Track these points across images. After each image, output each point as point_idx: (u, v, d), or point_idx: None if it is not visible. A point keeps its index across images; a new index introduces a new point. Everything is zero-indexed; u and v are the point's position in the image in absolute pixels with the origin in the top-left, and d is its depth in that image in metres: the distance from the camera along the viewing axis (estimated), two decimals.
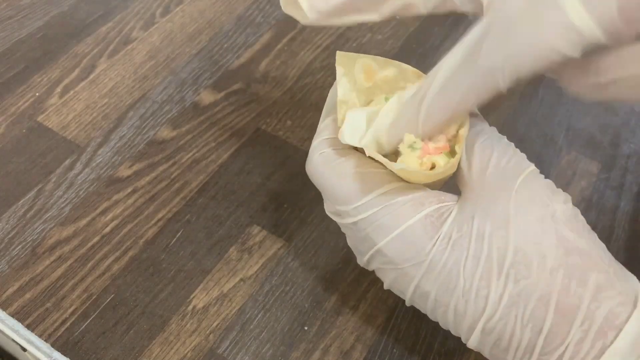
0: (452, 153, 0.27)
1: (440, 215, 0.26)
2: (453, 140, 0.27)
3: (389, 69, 0.29)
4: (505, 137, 0.28)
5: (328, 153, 0.29)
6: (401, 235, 0.27)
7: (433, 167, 0.27)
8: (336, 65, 0.29)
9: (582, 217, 0.27)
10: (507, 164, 0.26)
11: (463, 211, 0.26)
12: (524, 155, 0.28)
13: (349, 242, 0.31)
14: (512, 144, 0.28)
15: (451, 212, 0.26)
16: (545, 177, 0.27)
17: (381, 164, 0.27)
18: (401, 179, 0.27)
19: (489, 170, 0.26)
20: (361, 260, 0.30)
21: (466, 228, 0.26)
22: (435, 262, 0.26)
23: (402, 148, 0.27)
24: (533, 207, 0.25)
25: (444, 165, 0.27)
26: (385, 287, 0.30)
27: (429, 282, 0.27)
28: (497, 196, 0.26)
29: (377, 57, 0.29)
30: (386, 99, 0.29)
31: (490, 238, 0.25)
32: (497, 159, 0.27)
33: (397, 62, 0.29)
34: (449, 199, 0.27)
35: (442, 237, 0.26)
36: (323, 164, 0.29)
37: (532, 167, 0.27)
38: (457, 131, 0.27)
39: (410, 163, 0.27)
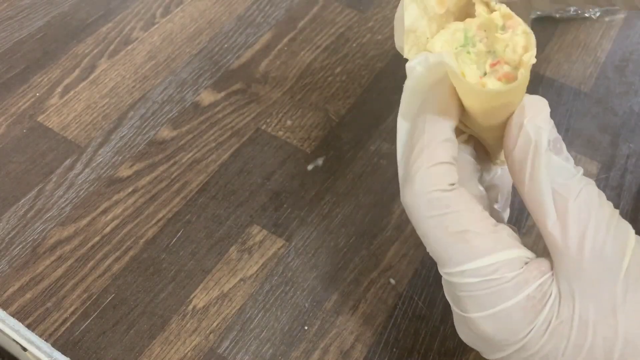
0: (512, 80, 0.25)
1: (542, 296, 0.24)
2: (517, 65, 0.25)
3: None
4: (592, 180, 0.25)
5: (434, 197, 0.25)
6: (497, 315, 0.24)
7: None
8: None
9: None
10: (608, 234, 0.23)
11: (562, 289, 0.24)
12: (617, 213, 0.24)
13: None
14: (602, 194, 0.25)
15: (552, 292, 0.24)
16: None
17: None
18: (509, 244, 0.24)
19: (588, 242, 0.23)
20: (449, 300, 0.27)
21: (567, 312, 0.23)
22: (529, 346, 0.24)
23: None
24: None
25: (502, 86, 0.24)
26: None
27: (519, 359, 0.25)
28: (600, 277, 0.23)
29: None
30: (466, 39, 0.26)
31: (595, 326, 0.23)
32: (596, 228, 0.23)
33: None
34: (548, 266, 0.24)
35: (542, 323, 0.24)
36: (427, 209, 0.25)
37: (633, 232, 0.24)
38: (522, 56, 0.24)
39: (470, 74, 0.25)
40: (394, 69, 0.49)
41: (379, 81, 0.48)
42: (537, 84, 0.49)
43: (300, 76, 0.48)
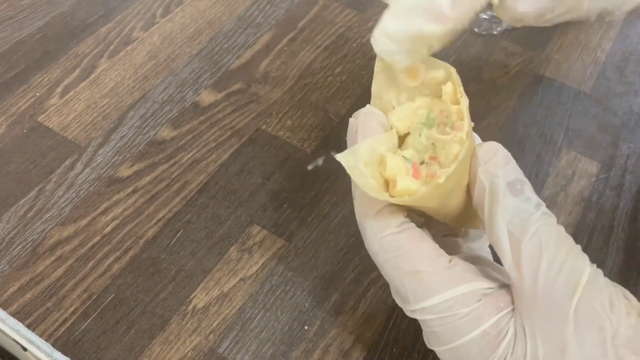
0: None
1: (498, 332, 0.25)
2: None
3: (439, 71, 0.27)
4: (553, 218, 0.25)
5: (386, 241, 0.26)
6: (455, 350, 0.25)
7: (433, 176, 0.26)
8: (376, 60, 0.27)
9: None
10: (560, 273, 0.23)
11: (518, 327, 0.25)
12: (577, 250, 0.24)
13: None
14: (562, 229, 0.25)
15: (509, 329, 0.25)
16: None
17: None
18: (463, 279, 0.25)
19: (539, 282, 0.24)
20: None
21: (521, 351, 0.24)
22: None
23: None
24: (591, 330, 0.23)
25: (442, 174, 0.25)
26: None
27: None
28: (550, 317, 0.24)
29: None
30: (426, 121, 0.27)
31: None
32: (547, 267, 0.24)
33: (445, 64, 0.27)
34: (508, 300, 0.25)
35: (497, 359, 0.25)
36: (382, 253, 0.26)
37: (588, 271, 0.24)
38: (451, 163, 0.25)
39: (407, 184, 0.25)
40: None
41: None
42: (537, 84, 0.49)
43: (300, 76, 0.48)
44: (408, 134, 0.27)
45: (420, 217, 0.29)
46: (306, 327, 0.35)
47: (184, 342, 0.34)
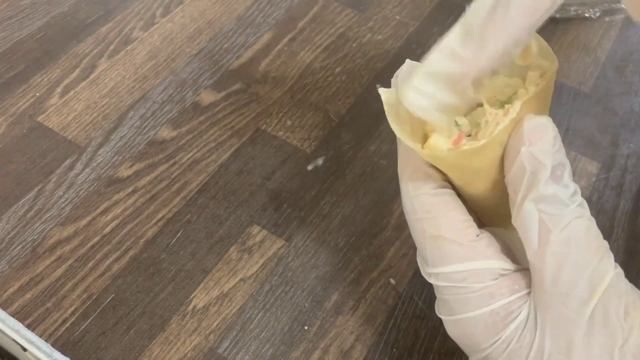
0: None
1: (507, 315, 0.24)
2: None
3: (545, 61, 0.25)
4: (586, 210, 0.24)
5: (418, 201, 0.26)
6: (461, 323, 0.25)
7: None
8: None
9: None
10: (582, 275, 0.23)
11: (530, 315, 0.24)
12: (603, 250, 0.24)
13: None
14: (593, 225, 0.24)
15: (520, 313, 0.24)
16: None
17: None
18: (484, 255, 0.25)
19: (561, 280, 0.23)
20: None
21: (527, 340, 0.24)
22: (490, 359, 0.25)
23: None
24: (602, 335, 0.23)
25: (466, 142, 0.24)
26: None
27: None
28: (565, 316, 0.23)
29: (543, 42, 0.25)
30: (506, 100, 0.25)
31: (549, 359, 0.23)
32: (572, 266, 0.23)
33: (553, 56, 0.25)
34: (524, 285, 0.25)
35: (501, 342, 0.24)
36: (412, 211, 0.26)
37: (610, 275, 0.23)
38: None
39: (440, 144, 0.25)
40: (394, 69, 0.49)
41: (379, 81, 0.48)
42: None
43: (300, 76, 0.48)
44: (482, 104, 0.26)
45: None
46: (306, 327, 0.35)
47: (184, 342, 0.34)
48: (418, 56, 0.52)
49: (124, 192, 0.40)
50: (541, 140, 0.23)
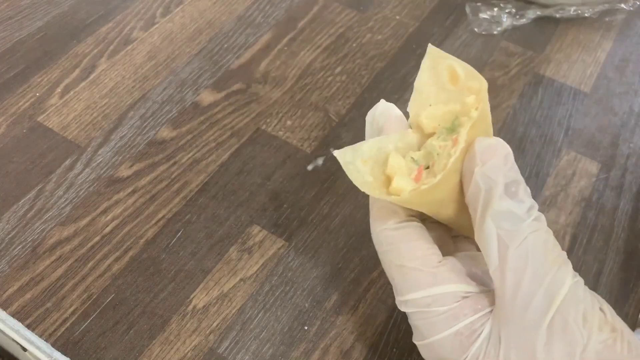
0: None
1: (471, 333, 0.25)
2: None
3: (475, 82, 0.27)
4: (542, 224, 0.25)
5: (383, 235, 0.28)
6: (430, 346, 0.27)
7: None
8: (425, 56, 0.28)
9: (619, 343, 0.24)
10: (540, 286, 0.24)
11: (493, 331, 0.25)
12: (561, 260, 0.25)
13: None
14: (550, 237, 0.25)
15: (483, 331, 0.25)
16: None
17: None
18: (447, 280, 0.26)
19: (521, 294, 0.24)
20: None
21: (493, 354, 0.25)
22: None
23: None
24: (561, 343, 0.24)
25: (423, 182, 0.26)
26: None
27: None
28: (525, 327, 0.24)
29: (467, 65, 0.27)
30: (450, 126, 0.27)
31: None
32: (530, 279, 0.24)
33: (481, 77, 0.26)
34: (486, 303, 0.26)
35: (470, 359, 0.25)
36: (379, 245, 0.28)
37: (567, 284, 0.24)
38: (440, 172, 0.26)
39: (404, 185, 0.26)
40: (394, 69, 0.49)
41: (379, 81, 0.48)
42: (537, 84, 0.49)
43: (300, 76, 0.48)
44: (434, 134, 0.28)
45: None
46: (306, 327, 0.35)
47: (184, 342, 0.34)
48: (418, 56, 0.52)
49: (124, 192, 0.40)
50: (492, 159, 0.25)
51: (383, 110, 0.29)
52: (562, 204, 0.41)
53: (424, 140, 0.28)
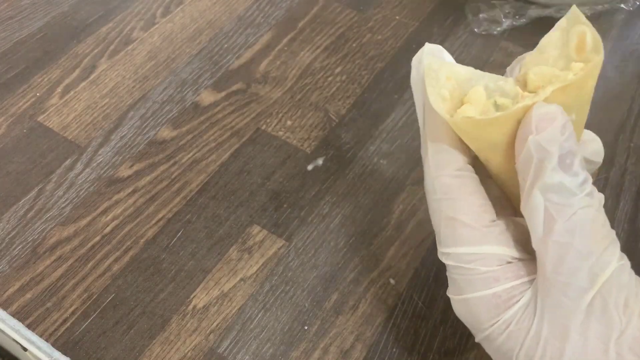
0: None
1: (509, 298, 0.25)
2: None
3: (594, 55, 0.25)
4: (595, 200, 0.24)
5: (439, 182, 0.26)
6: (466, 302, 0.26)
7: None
8: (565, 16, 0.26)
9: None
10: (583, 264, 0.23)
11: (531, 301, 0.25)
12: (608, 241, 0.24)
13: None
14: (600, 215, 0.24)
15: (521, 298, 0.25)
16: None
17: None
18: (495, 241, 0.25)
19: (563, 270, 0.23)
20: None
21: (526, 324, 0.25)
22: (492, 338, 0.26)
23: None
24: (598, 325, 0.23)
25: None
26: None
27: (485, 345, 0.27)
28: (564, 303, 0.24)
29: (598, 37, 0.25)
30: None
31: (545, 343, 0.24)
32: (575, 255, 0.23)
33: (602, 52, 0.25)
34: (531, 271, 0.25)
35: (502, 323, 0.25)
36: (432, 192, 0.27)
37: (612, 267, 0.23)
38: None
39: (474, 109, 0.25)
40: (394, 69, 0.49)
41: (379, 81, 0.48)
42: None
43: (300, 76, 0.48)
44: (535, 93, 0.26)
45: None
46: (306, 327, 0.35)
47: (184, 342, 0.34)
48: None
49: (124, 192, 0.40)
50: (549, 128, 0.23)
51: (431, 52, 0.27)
52: None
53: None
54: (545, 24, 0.56)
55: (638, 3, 0.55)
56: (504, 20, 0.53)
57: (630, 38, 0.53)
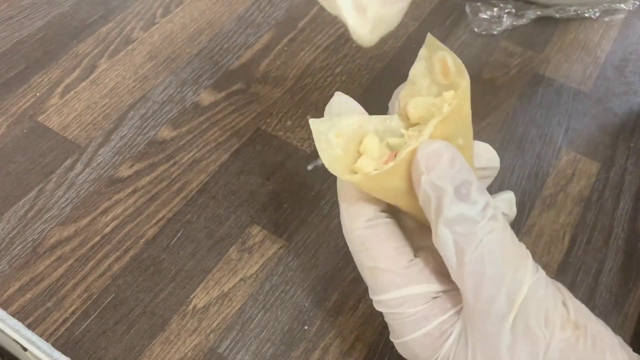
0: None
1: (440, 334, 0.26)
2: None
3: (460, 79, 0.26)
4: (499, 223, 0.24)
5: (355, 235, 0.27)
6: (404, 345, 0.27)
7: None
8: (423, 45, 0.27)
9: (582, 340, 0.24)
10: (500, 289, 0.24)
11: (462, 331, 0.25)
12: (519, 259, 0.24)
13: None
14: (507, 235, 0.24)
15: (453, 331, 0.26)
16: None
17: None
18: (417, 280, 0.26)
19: (481, 298, 0.24)
20: None
21: (462, 356, 0.25)
22: None
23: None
24: (525, 344, 0.24)
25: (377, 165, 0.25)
26: None
27: None
28: (489, 330, 0.24)
29: (458, 60, 0.26)
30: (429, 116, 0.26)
31: None
32: (489, 281, 0.23)
33: (466, 75, 0.26)
34: (457, 301, 0.26)
35: (440, 358, 0.26)
36: (351, 244, 0.28)
37: (527, 285, 0.24)
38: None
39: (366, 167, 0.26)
40: (394, 69, 0.49)
41: (379, 81, 0.48)
42: (537, 84, 0.49)
43: (300, 76, 0.48)
44: (419, 124, 0.27)
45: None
46: (306, 327, 0.35)
47: (184, 342, 0.34)
48: None
49: (124, 192, 0.41)
50: (437, 166, 0.24)
51: (339, 103, 0.28)
52: (562, 204, 0.41)
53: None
54: (545, 24, 0.56)
55: (638, 3, 0.55)
56: (504, 20, 0.53)
57: (630, 38, 0.53)
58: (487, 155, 0.30)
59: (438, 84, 0.27)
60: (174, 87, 0.47)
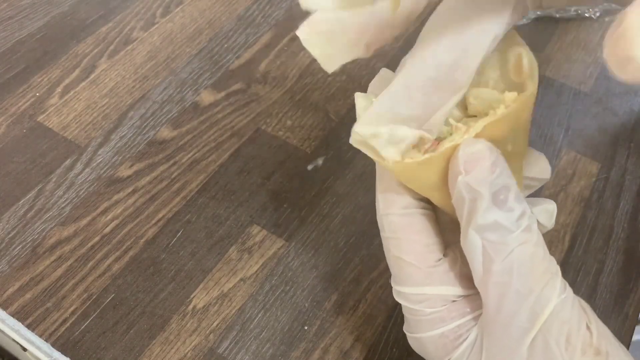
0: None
1: (455, 338, 0.25)
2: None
3: (529, 82, 0.24)
4: (532, 235, 0.23)
5: (387, 220, 0.26)
6: (418, 340, 0.27)
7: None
8: (502, 37, 0.25)
9: None
10: (524, 304, 0.23)
11: (477, 338, 0.25)
12: (548, 276, 0.23)
13: None
14: (539, 250, 0.23)
15: (469, 336, 0.25)
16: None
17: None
18: (439, 281, 0.25)
19: (504, 310, 0.23)
20: None
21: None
22: None
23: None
24: None
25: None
26: None
27: None
28: (506, 343, 0.23)
29: (534, 61, 0.24)
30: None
31: None
32: (515, 295, 0.23)
33: (536, 80, 0.24)
34: (475, 307, 0.25)
35: None
36: (382, 229, 0.27)
37: (553, 303, 0.23)
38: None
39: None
40: (394, 69, 0.49)
41: None
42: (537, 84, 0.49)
43: (300, 76, 0.48)
44: (476, 117, 0.25)
45: None
46: (306, 327, 0.35)
47: (184, 342, 0.34)
48: None
49: (124, 192, 0.40)
50: (477, 169, 0.22)
51: (383, 80, 0.27)
52: (562, 204, 0.41)
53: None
54: (545, 24, 0.56)
55: None
56: None
57: None
58: (540, 166, 0.28)
59: (506, 80, 0.25)
60: (174, 87, 0.47)
